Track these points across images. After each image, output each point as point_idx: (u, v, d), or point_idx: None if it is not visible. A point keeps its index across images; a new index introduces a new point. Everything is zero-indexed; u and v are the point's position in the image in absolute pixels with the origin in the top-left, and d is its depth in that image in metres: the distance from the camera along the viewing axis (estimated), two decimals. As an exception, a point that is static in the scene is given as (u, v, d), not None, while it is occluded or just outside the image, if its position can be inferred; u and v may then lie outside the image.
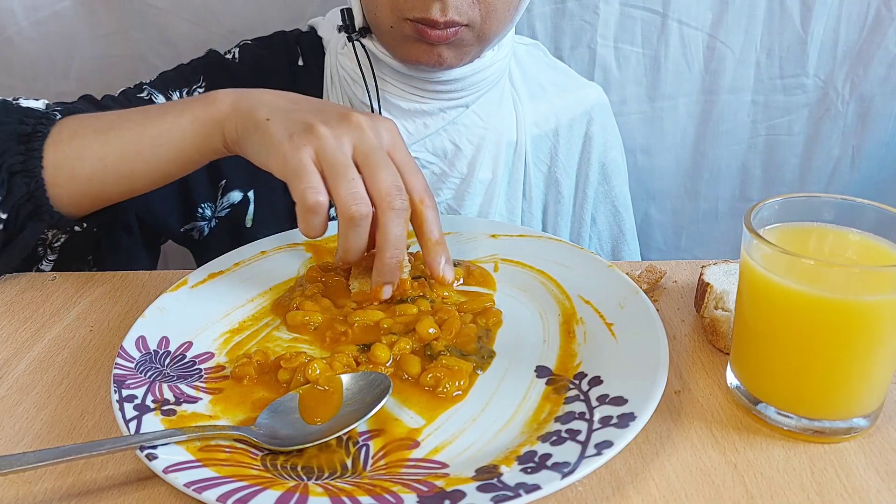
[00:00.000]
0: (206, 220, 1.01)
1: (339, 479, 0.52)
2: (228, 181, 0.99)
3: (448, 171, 1.01)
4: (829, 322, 0.53)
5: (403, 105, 0.95)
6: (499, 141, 1.02)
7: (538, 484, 0.48)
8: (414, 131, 0.97)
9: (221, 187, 0.99)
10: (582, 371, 0.61)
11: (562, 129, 1.09)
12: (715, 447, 0.55)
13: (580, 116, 1.10)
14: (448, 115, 0.97)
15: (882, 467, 0.53)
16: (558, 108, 1.09)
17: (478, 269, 0.76)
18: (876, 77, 1.27)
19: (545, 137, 1.08)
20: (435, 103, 0.96)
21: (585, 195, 1.13)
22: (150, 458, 0.51)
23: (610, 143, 1.14)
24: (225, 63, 1.02)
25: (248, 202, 1.00)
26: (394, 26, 0.86)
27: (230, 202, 1.00)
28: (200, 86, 0.98)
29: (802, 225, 0.59)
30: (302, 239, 0.80)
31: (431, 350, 0.63)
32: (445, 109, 0.97)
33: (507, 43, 0.99)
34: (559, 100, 1.09)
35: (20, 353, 0.68)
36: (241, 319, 0.70)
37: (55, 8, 1.20)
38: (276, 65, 1.02)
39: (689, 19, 1.24)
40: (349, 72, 0.95)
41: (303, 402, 0.58)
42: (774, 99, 1.30)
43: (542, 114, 1.08)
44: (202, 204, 0.99)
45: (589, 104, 1.12)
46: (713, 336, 0.66)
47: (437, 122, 0.97)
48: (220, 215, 1.01)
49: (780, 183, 1.36)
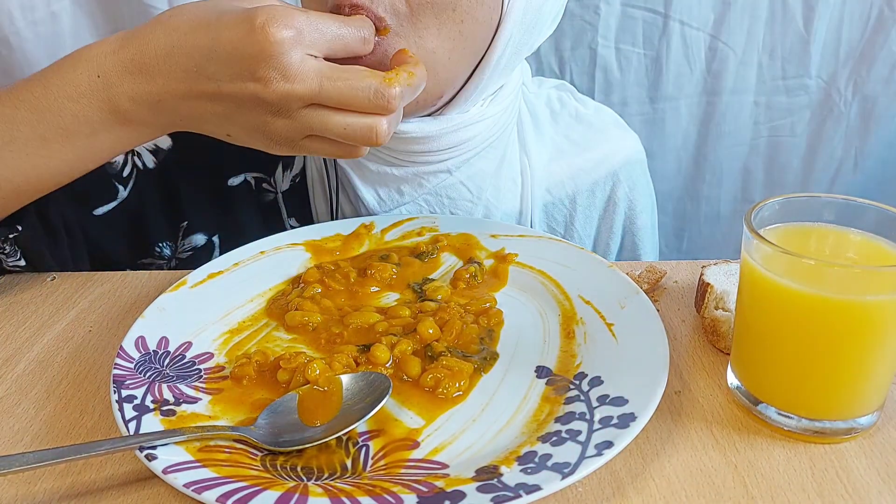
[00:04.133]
0: (166, 260, 0.91)
1: (338, 479, 0.51)
2: (191, 223, 0.91)
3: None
4: (830, 322, 0.53)
5: (371, 167, 0.83)
6: (493, 217, 0.88)
7: (538, 484, 0.48)
8: (387, 198, 0.84)
9: (182, 228, 0.91)
10: (582, 371, 0.61)
11: (580, 195, 0.93)
12: (715, 448, 0.55)
13: (604, 179, 0.94)
14: (427, 183, 0.84)
15: (883, 468, 0.53)
16: (578, 170, 0.93)
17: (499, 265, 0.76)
18: (879, 78, 1.27)
19: (559, 205, 0.93)
20: (409, 168, 0.83)
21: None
22: (149, 459, 0.51)
23: (639, 207, 0.97)
24: None
25: (214, 247, 0.92)
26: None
27: (193, 245, 0.91)
28: None
29: (803, 225, 0.59)
30: (302, 239, 0.80)
31: (432, 351, 0.63)
32: (422, 175, 0.83)
33: (508, 94, 0.85)
34: (579, 158, 0.93)
35: (20, 353, 0.68)
36: (241, 320, 0.70)
37: (52, 8, 1.19)
38: None
39: (691, 20, 1.23)
40: None
41: (302, 404, 0.58)
42: (777, 100, 1.30)
43: (556, 177, 0.92)
44: (160, 242, 0.90)
45: (617, 162, 0.95)
46: (713, 336, 0.66)
47: (414, 189, 0.84)
48: (182, 257, 0.92)
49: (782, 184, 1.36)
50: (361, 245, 0.80)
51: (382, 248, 0.80)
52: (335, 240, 0.80)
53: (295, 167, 0.92)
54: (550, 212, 0.92)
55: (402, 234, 0.81)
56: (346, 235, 0.81)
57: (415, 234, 0.81)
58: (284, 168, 0.91)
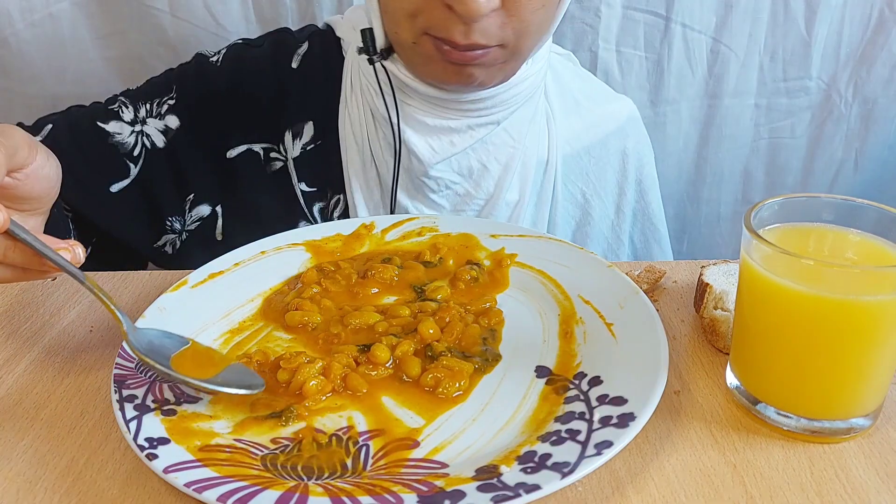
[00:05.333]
0: (177, 234, 0.98)
1: (339, 478, 0.52)
2: (196, 195, 0.97)
3: (473, 191, 0.94)
4: (829, 322, 0.53)
5: (429, 122, 0.90)
6: (528, 161, 0.96)
7: (538, 484, 0.48)
8: (439, 149, 0.91)
9: (189, 201, 0.97)
10: (582, 371, 0.61)
11: (594, 147, 1.02)
12: (714, 447, 0.55)
13: (615, 133, 1.04)
14: (477, 133, 0.91)
15: (882, 468, 0.53)
16: (591, 124, 1.02)
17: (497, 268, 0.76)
18: (879, 79, 1.27)
19: (577, 157, 1.02)
20: (464, 120, 0.90)
21: (623, 215, 1.07)
22: (150, 458, 0.51)
23: (645, 157, 1.08)
24: (204, 69, 0.98)
25: (217, 216, 0.98)
26: (416, 42, 0.82)
27: (199, 216, 0.98)
28: (171, 97, 0.95)
29: (802, 225, 0.59)
30: (302, 239, 0.80)
31: (432, 351, 0.63)
32: (474, 127, 0.91)
33: (542, 54, 0.93)
34: (591, 115, 1.03)
35: (20, 353, 0.68)
36: (241, 319, 0.70)
37: (52, 9, 1.19)
38: (261, 68, 0.97)
39: (693, 22, 1.23)
40: (371, 82, 0.90)
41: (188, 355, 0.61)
42: (777, 102, 1.30)
43: (574, 131, 1.01)
44: (170, 217, 0.97)
45: (622, 118, 1.05)
46: (713, 336, 0.66)
47: (464, 139, 0.91)
48: (190, 228, 0.98)
49: (782, 186, 1.36)
50: (362, 245, 0.80)
51: (383, 248, 0.80)
52: (335, 240, 0.80)
53: (304, 135, 0.96)
54: (570, 162, 1.01)
55: (402, 234, 0.81)
56: (346, 235, 0.81)
57: (415, 234, 0.81)
58: (294, 137, 0.96)
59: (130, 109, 0.95)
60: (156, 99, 0.96)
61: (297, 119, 0.96)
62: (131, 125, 0.94)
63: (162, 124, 0.95)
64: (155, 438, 0.53)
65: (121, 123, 0.93)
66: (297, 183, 0.96)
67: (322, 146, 0.96)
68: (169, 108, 0.95)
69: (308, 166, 0.96)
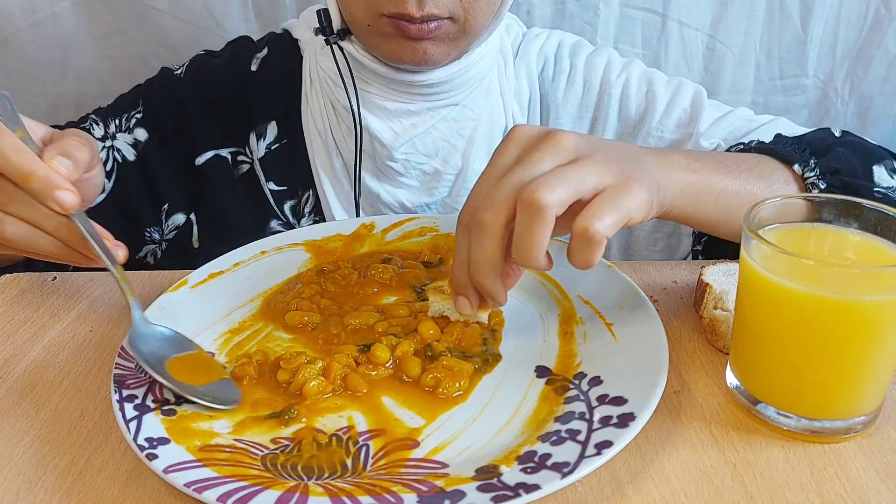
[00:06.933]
0: (157, 244, 1.01)
1: (339, 478, 0.52)
2: (171, 205, 1.00)
3: (441, 168, 0.96)
4: (829, 322, 0.53)
5: (389, 106, 0.91)
6: (491, 129, 0.97)
7: (538, 484, 0.48)
8: (401, 132, 0.93)
9: (164, 211, 1.00)
10: (582, 371, 0.61)
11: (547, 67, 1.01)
12: (714, 447, 0.55)
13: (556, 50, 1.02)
14: (438, 114, 0.93)
15: (882, 467, 0.53)
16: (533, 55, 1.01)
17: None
18: (875, 77, 1.27)
19: (525, 98, 1.01)
20: (423, 104, 0.92)
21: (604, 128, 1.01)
22: (150, 458, 0.51)
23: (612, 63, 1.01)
24: (168, 80, 1.01)
25: (192, 224, 1.01)
26: (371, 24, 0.83)
27: (175, 224, 1.00)
28: (138, 111, 0.98)
29: (802, 225, 0.59)
30: (302, 239, 0.80)
31: (432, 351, 0.63)
32: (435, 109, 0.93)
33: (494, 40, 0.95)
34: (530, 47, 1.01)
35: (20, 353, 0.68)
36: (241, 319, 0.70)
37: (53, 9, 1.20)
38: (222, 74, 1.00)
39: (690, 20, 1.23)
40: (329, 74, 0.92)
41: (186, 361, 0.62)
42: (774, 100, 1.30)
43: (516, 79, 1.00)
44: (148, 228, 1.00)
45: (552, 47, 1.02)
46: (713, 336, 0.66)
47: (426, 120, 0.93)
48: (169, 238, 1.01)
49: (780, 184, 1.36)
50: (362, 245, 0.80)
51: (383, 248, 0.80)
52: (335, 240, 0.80)
53: (268, 136, 0.98)
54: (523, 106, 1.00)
55: (402, 234, 0.82)
56: (346, 235, 0.81)
57: (415, 234, 0.81)
58: (258, 138, 0.98)
59: (101, 126, 0.97)
60: (124, 114, 0.98)
61: (259, 120, 0.98)
62: (102, 140, 0.96)
63: (131, 138, 0.98)
64: (155, 438, 0.53)
65: None
66: (265, 183, 0.98)
67: (287, 145, 0.98)
68: (137, 121, 0.98)
69: (275, 165, 0.98)
